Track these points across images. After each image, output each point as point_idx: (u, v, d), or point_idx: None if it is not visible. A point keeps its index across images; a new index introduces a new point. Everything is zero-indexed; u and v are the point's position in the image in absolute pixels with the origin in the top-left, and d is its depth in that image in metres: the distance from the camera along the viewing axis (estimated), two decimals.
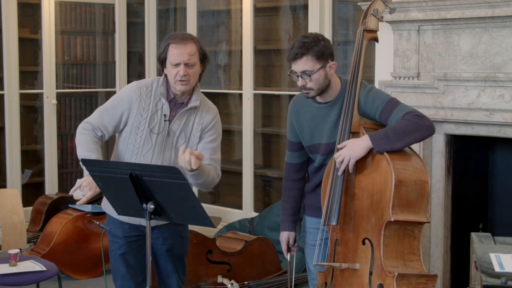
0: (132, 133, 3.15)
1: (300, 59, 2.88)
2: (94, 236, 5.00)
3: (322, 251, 3.00)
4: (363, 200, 2.82)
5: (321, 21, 5.11)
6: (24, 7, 5.94)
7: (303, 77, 2.90)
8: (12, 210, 4.17)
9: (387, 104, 2.90)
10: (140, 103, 3.14)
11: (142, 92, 3.16)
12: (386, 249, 2.73)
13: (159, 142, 3.14)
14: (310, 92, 2.95)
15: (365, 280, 2.76)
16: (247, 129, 5.75)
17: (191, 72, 3.08)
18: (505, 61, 3.73)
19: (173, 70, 3.07)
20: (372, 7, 3.01)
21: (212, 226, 2.78)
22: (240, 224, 5.46)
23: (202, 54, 3.13)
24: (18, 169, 5.85)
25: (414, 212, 2.76)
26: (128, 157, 3.16)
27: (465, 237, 3.75)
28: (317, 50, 2.88)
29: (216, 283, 4.32)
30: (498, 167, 4.17)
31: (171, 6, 6.58)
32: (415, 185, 2.76)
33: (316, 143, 3.04)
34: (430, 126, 2.86)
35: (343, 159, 2.82)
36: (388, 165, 2.73)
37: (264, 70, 5.94)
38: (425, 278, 2.75)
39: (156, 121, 3.14)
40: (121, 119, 3.16)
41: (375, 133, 2.81)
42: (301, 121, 3.08)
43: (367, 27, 2.99)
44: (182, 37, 3.11)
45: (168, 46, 3.09)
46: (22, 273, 3.70)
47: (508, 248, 2.79)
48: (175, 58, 3.06)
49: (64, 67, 6.29)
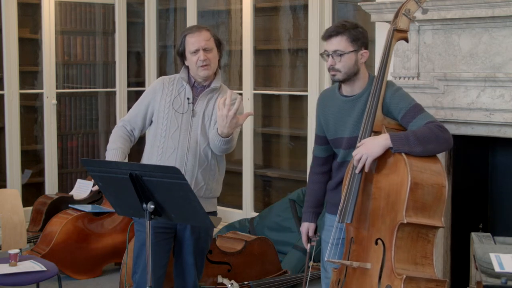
0: (159, 118, 3.35)
1: (335, 38, 2.93)
2: (94, 236, 5.00)
3: (338, 250, 3.00)
4: (379, 200, 2.81)
5: (321, 21, 5.11)
6: (24, 7, 5.94)
7: (334, 57, 2.94)
8: (12, 210, 4.17)
9: (412, 108, 2.90)
10: (164, 90, 3.39)
11: (165, 81, 3.43)
12: (397, 250, 2.72)
13: (184, 122, 3.33)
14: (337, 74, 2.97)
15: (374, 280, 2.76)
16: (247, 129, 5.75)
17: (211, 56, 3.31)
18: (505, 61, 3.73)
19: (193, 58, 3.30)
20: (404, 7, 3.01)
21: (212, 226, 2.79)
22: (240, 224, 5.46)
23: (217, 40, 3.38)
24: (18, 169, 5.85)
25: (428, 216, 2.75)
26: (158, 140, 3.34)
27: (465, 237, 3.75)
28: (353, 33, 2.94)
29: (216, 283, 4.32)
30: (498, 167, 4.17)
31: (171, 6, 6.58)
32: (431, 189, 2.74)
33: (339, 136, 3.05)
34: (449, 139, 2.86)
35: (360, 157, 2.82)
36: (405, 166, 2.72)
37: (264, 70, 5.94)
38: (434, 283, 2.73)
39: (180, 103, 3.35)
40: (147, 109, 3.40)
41: (396, 134, 2.81)
42: (326, 113, 3.10)
43: (398, 26, 3.00)
44: (197, 27, 3.38)
45: (185, 37, 3.33)
46: (22, 273, 3.70)
47: (508, 248, 2.79)
48: (193, 45, 3.29)
49: (64, 67, 6.29)
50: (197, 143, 3.32)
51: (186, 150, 3.31)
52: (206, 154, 3.34)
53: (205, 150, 3.34)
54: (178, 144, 3.31)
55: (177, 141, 3.31)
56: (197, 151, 3.32)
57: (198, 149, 3.32)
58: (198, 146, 3.32)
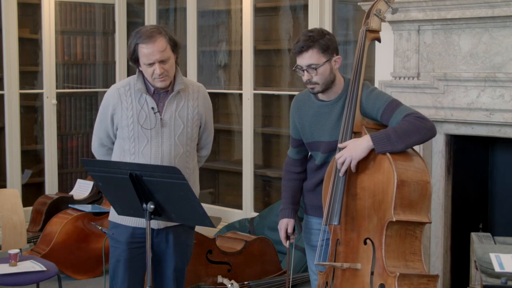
0: (124, 134, 3.11)
1: (306, 52, 2.89)
2: (94, 236, 5.00)
3: (323, 251, 2.99)
4: (364, 200, 2.82)
5: (321, 21, 5.11)
6: (24, 7, 5.94)
7: (309, 71, 2.90)
8: (12, 210, 4.17)
9: (389, 105, 2.89)
10: (122, 104, 3.10)
11: (121, 92, 3.12)
12: (387, 249, 2.73)
13: (154, 135, 3.09)
14: (315, 87, 2.94)
15: (366, 280, 2.76)
16: (247, 129, 5.75)
17: (167, 67, 3.01)
18: (505, 61, 3.73)
19: (148, 70, 3.01)
20: (375, 7, 3.00)
21: (212, 226, 2.78)
22: (240, 224, 5.45)
23: (173, 44, 3.05)
24: (18, 169, 5.85)
25: (415, 213, 2.76)
26: (127, 157, 3.12)
27: (465, 237, 3.75)
28: (322, 43, 2.89)
29: (216, 283, 4.32)
30: (498, 167, 4.17)
31: (171, 6, 6.58)
32: (417, 186, 2.76)
33: (316, 140, 3.04)
34: (431, 128, 2.85)
35: (344, 160, 2.82)
36: (390, 165, 2.73)
37: (264, 70, 5.94)
38: (426, 278, 2.75)
39: (145, 116, 3.09)
40: (113, 123, 3.14)
41: (376, 134, 2.81)
42: (302, 117, 3.08)
43: (370, 27, 2.99)
44: (149, 34, 2.99)
45: (137, 46, 3.00)
46: (22, 273, 3.70)
47: (508, 248, 2.79)
48: (147, 59, 2.99)
49: (64, 67, 6.29)
50: (170, 155, 3.10)
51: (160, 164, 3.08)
52: (183, 164, 3.13)
53: (180, 160, 3.13)
54: (150, 159, 3.08)
55: (149, 157, 3.08)
56: (171, 163, 3.09)
57: (172, 161, 3.10)
58: (171, 157, 3.10)
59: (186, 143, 3.15)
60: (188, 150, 3.17)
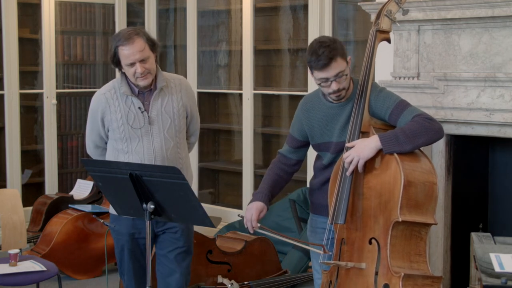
0: (115, 135, 3.25)
1: (335, 62, 2.84)
2: (94, 236, 5.00)
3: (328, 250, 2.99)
4: (371, 199, 2.81)
5: (321, 21, 5.11)
6: (24, 7, 5.94)
7: (337, 80, 2.87)
8: (12, 210, 4.18)
9: (397, 106, 2.90)
10: (110, 107, 3.25)
11: (108, 97, 3.27)
12: (392, 249, 2.72)
13: (144, 133, 3.23)
14: (342, 93, 2.92)
15: (370, 280, 2.76)
16: (247, 129, 5.75)
17: (148, 66, 3.15)
18: (505, 61, 3.73)
19: (130, 70, 3.15)
20: (386, 8, 3.01)
21: (212, 226, 2.79)
22: (240, 224, 5.45)
23: (151, 43, 3.18)
24: (18, 169, 5.85)
25: (421, 214, 2.76)
26: (122, 157, 3.24)
27: (465, 237, 3.75)
28: (340, 48, 2.88)
29: (216, 283, 4.32)
30: (498, 167, 4.17)
31: (171, 6, 6.58)
32: (423, 187, 2.75)
33: (326, 141, 3.04)
34: (439, 129, 2.85)
35: (352, 159, 2.82)
36: (397, 165, 2.73)
37: (264, 70, 5.94)
38: (430, 279, 2.74)
39: (134, 116, 3.23)
40: (104, 124, 3.29)
41: (384, 134, 2.81)
42: (311, 119, 3.07)
43: (380, 27, 2.99)
44: (127, 36, 3.13)
45: (117, 49, 3.15)
46: (22, 273, 3.70)
47: (508, 248, 2.79)
48: (127, 59, 3.12)
49: (64, 67, 6.29)
50: (162, 149, 3.24)
51: (153, 159, 3.23)
52: (175, 156, 3.28)
53: (172, 152, 3.27)
54: (144, 156, 3.22)
55: (142, 154, 3.22)
56: (164, 156, 3.24)
57: (164, 154, 3.24)
58: (163, 151, 3.24)
59: (175, 135, 3.29)
60: (178, 141, 3.32)
